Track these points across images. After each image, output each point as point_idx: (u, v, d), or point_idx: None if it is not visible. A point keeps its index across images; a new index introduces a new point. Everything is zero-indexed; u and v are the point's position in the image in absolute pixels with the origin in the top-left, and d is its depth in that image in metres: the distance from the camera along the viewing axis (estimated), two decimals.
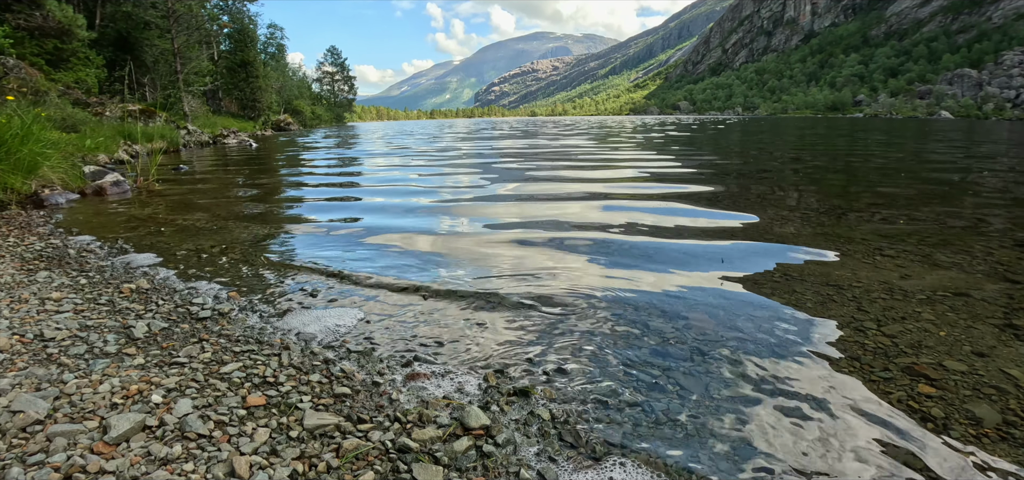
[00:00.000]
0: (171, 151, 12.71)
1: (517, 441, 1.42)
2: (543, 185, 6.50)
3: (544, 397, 1.64)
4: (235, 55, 35.44)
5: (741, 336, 2.08)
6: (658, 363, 1.87)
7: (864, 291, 2.54)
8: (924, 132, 22.57)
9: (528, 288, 2.66)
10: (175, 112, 20.25)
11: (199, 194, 6.06)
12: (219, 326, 2.16)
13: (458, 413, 1.53)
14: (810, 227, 3.95)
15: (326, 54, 69.33)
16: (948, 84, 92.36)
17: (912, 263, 2.99)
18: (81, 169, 6.38)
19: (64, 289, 2.52)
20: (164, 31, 21.54)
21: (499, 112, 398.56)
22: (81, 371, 1.69)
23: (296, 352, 1.92)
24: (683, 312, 2.33)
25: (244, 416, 1.47)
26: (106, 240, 3.68)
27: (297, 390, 1.64)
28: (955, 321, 2.17)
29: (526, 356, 1.92)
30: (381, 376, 1.77)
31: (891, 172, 7.55)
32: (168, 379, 1.66)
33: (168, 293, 2.56)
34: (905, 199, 5.19)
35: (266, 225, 4.32)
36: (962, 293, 2.49)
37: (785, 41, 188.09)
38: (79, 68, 16.21)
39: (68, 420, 1.41)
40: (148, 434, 1.37)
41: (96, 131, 10.14)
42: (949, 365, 1.81)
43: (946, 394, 1.64)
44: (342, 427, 1.44)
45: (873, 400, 1.61)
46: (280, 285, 2.75)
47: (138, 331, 2.03)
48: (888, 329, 2.11)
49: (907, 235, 3.64)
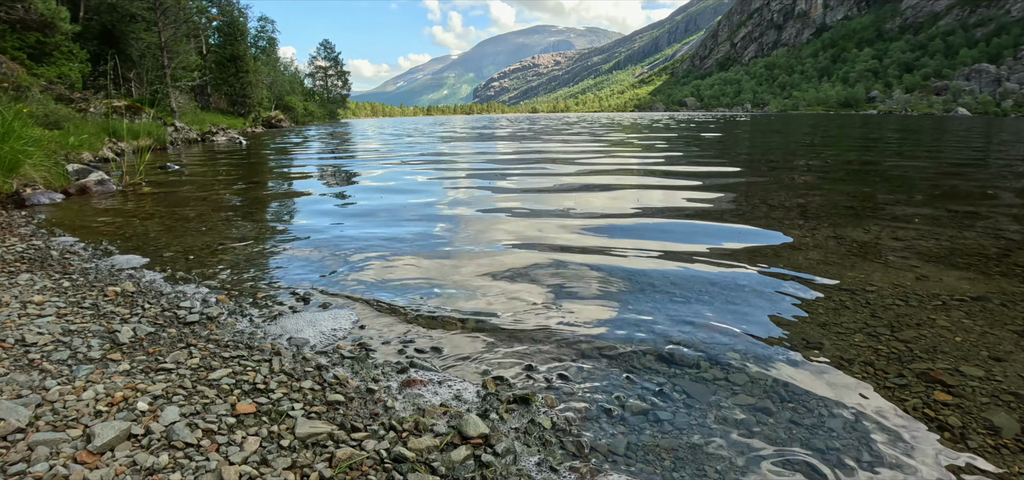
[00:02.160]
0: (158, 149, 12.72)
1: (517, 450, 1.42)
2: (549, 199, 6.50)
3: (545, 404, 1.64)
4: (224, 49, 35.45)
5: (750, 341, 2.08)
6: (663, 369, 1.87)
7: (877, 295, 2.54)
8: (941, 129, 22.59)
9: (528, 291, 2.66)
10: (162, 108, 20.26)
11: (187, 193, 6.07)
12: (207, 331, 2.16)
13: (456, 421, 1.53)
14: (820, 226, 3.95)
15: (319, 48, 69.39)
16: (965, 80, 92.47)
17: (927, 265, 2.99)
18: (64, 167, 6.38)
19: (46, 292, 2.52)
20: (151, 24, 21.59)
21: (499, 109, 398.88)
22: (64, 377, 1.69)
23: (287, 358, 1.92)
24: (688, 316, 2.33)
25: (233, 424, 1.47)
26: (90, 241, 3.69)
27: (289, 397, 1.64)
28: (971, 327, 2.17)
29: (526, 362, 1.92)
30: (376, 383, 1.77)
31: (905, 170, 7.55)
32: (154, 386, 1.66)
33: (154, 296, 2.56)
34: (920, 198, 5.19)
35: (256, 226, 4.32)
36: (980, 297, 2.49)
37: (796, 35, 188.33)
38: (62, 62, 16.24)
39: (50, 428, 1.41)
40: (133, 443, 1.37)
41: (80, 128, 10.15)
42: (966, 371, 1.82)
43: (963, 402, 1.64)
44: (335, 436, 1.44)
45: (887, 407, 1.61)
46: (271, 288, 2.75)
47: (123, 336, 2.03)
48: (902, 335, 2.11)
49: (922, 236, 3.64)
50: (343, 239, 3.82)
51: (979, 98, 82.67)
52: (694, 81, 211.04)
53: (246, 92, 35.88)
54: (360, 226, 4.26)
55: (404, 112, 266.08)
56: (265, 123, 35.39)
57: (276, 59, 51.21)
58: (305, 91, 61.46)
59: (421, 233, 3.98)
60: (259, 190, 6.56)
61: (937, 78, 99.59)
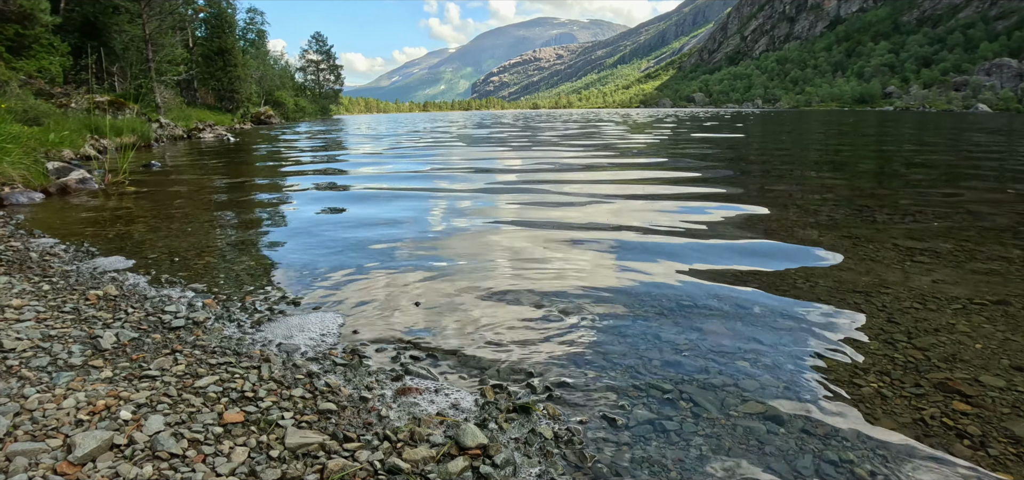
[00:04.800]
0: (142, 146, 12.73)
1: (517, 462, 1.42)
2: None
3: (546, 414, 1.65)
4: (212, 42, 35.50)
5: (760, 347, 2.08)
6: (670, 376, 1.87)
7: (894, 299, 2.54)
8: (961, 126, 22.61)
9: (529, 295, 2.66)
10: (146, 104, 20.28)
11: (172, 193, 6.07)
12: (194, 336, 2.16)
13: (453, 431, 1.53)
14: (836, 227, 3.96)
15: (310, 41, 69.44)
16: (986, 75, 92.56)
17: (946, 268, 2.99)
18: (44, 165, 6.39)
19: (25, 295, 2.52)
20: (134, 16, 21.58)
21: (498, 104, 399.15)
22: (44, 385, 1.70)
23: (277, 364, 1.93)
24: (697, 322, 2.34)
25: (221, 434, 1.48)
26: (71, 242, 3.69)
27: (278, 406, 1.64)
28: (992, 333, 2.17)
29: (527, 369, 1.93)
30: (370, 391, 1.77)
31: (923, 168, 7.56)
32: (138, 394, 1.66)
33: (138, 300, 2.56)
34: (939, 198, 5.20)
35: (245, 226, 4.33)
36: (1001, 301, 2.49)
37: (809, 28, 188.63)
38: (42, 56, 16.26)
39: (29, 438, 1.41)
40: (116, 453, 1.37)
41: (61, 124, 10.16)
42: (985, 380, 1.82)
43: (983, 412, 1.65)
44: (327, 446, 1.45)
45: (903, 418, 1.62)
46: (260, 291, 2.75)
47: (106, 341, 2.04)
48: (920, 341, 2.11)
49: (940, 236, 3.65)
50: (337, 239, 3.82)
51: (1000, 94, 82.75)
52: (702, 76, 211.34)
53: (234, 87, 35.92)
54: (355, 223, 4.27)
55: (399, 108, 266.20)
56: (254, 119, 35.42)
57: (266, 53, 51.24)
58: (296, 86, 61.53)
59: (419, 231, 3.98)
60: (248, 189, 6.57)
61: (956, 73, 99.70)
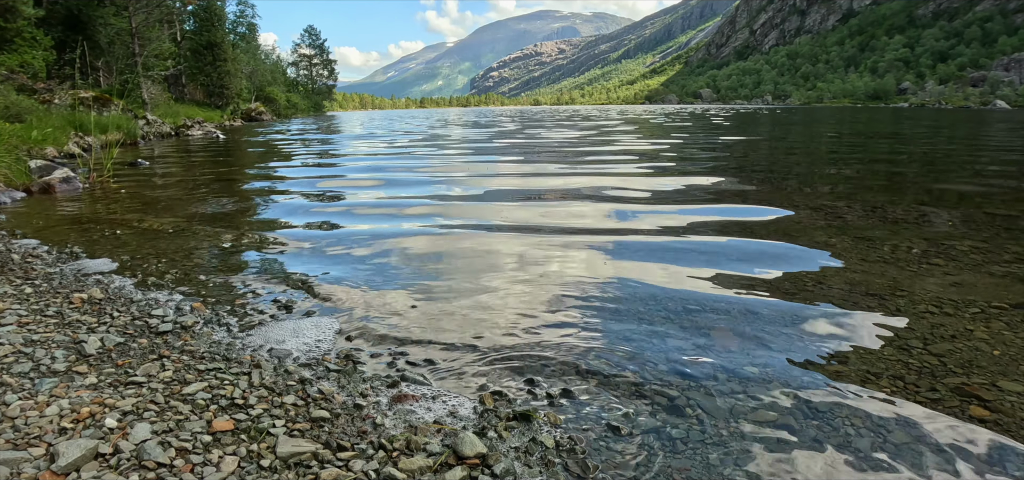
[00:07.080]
0: (128, 144, 12.75)
1: (517, 471, 1.42)
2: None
3: (547, 422, 1.65)
4: (200, 36, 35.54)
5: (770, 352, 2.08)
6: (676, 382, 1.87)
7: (909, 302, 2.55)
8: (979, 123, 22.62)
9: (529, 298, 2.67)
10: (133, 100, 20.30)
11: (159, 192, 6.08)
12: (181, 341, 2.16)
13: (451, 440, 1.53)
14: (849, 229, 3.96)
15: (303, 35, 69.66)
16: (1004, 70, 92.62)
17: (963, 271, 2.99)
18: (26, 164, 6.40)
19: (7, 299, 2.52)
20: (120, 9, 21.63)
21: (497, 101, 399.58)
22: (26, 391, 1.70)
23: (268, 370, 1.93)
24: (704, 326, 2.34)
25: (209, 443, 1.48)
26: (55, 244, 3.69)
27: (269, 413, 1.64)
28: (1012, 340, 2.17)
29: (527, 376, 1.93)
30: (364, 398, 1.77)
31: (940, 166, 7.57)
32: (124, 401, 1.66)
33: (124, 304, 2.56)
34: (955, 197, 5.20)
35: (235, 228, 4.33)
36: (1021, 305, 2.49)
37: (821, 21, 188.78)
38: (24, 50, 16.26)
39: (11, 447, 1.41)
40: (101, 463, 1.37)
41: (43, 121, 10.19)
42: (1004, 386, 1.82)
43: (1001, 418, 1.65)
44: (320, 455, 1.45)
45: (917, 424, 1.62)
46: (250, 295, 2.75)
47: (90, 346, 2.04)
48: (936, 347, 2.11)
49: (958, 238, 3.65)
50: (330, 242, 3.82)
51: (1019, 90, 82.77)
52: (710, 71, 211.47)
53: (224, 82, 35.95)
54: (347, 227, 4.27)
55: (395, 104, 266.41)
56: (245, 116, 35.45)
57: (256, 47, 51.33)
58: (288, 81, 61.61)
59: (416, 232, 3.99)
60: (237, 188, 6.57)
61: (973, 68, 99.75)
